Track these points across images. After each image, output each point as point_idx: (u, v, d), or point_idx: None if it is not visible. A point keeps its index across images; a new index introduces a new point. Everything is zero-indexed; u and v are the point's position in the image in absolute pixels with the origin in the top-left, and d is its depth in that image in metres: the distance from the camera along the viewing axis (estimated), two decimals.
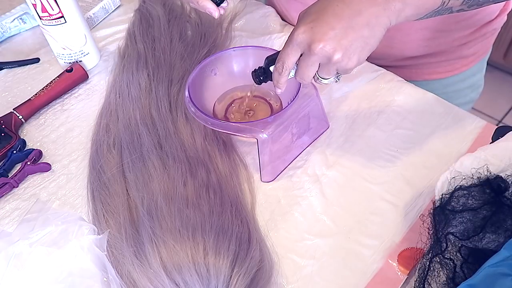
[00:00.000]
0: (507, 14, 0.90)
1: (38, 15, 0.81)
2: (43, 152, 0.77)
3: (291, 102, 0.68)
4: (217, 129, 0.69)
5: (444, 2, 0.58)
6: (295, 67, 0.59)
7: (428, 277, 0.55)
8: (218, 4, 0.68)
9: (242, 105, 0.75)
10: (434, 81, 0.90)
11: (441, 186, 0.59)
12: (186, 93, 0.70)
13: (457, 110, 0.78)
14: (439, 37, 0.82)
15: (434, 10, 0.59)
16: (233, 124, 0.69)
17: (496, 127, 0.71)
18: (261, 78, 0.64)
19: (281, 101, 0.76)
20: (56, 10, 0.81)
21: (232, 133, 0.71)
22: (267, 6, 1.01)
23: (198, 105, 0.69)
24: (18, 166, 0.75)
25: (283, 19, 0.98)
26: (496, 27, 0.87)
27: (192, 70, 0.74)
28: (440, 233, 0.56)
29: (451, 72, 0.89)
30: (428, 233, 0.57)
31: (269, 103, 0.76)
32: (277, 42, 0.92)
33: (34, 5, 0.80)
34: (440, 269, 0.55)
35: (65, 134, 0.81)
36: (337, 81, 0.60)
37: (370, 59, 0.87)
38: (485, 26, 0.84)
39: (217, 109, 0.77)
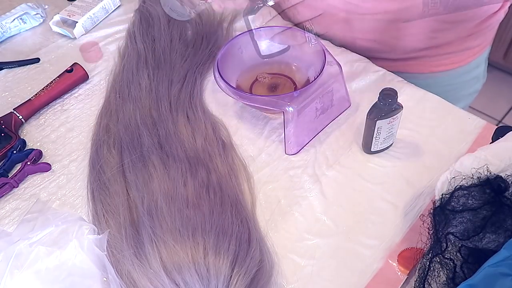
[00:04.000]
0: (507, 13, 0.91)
1: None
2: (43, 152, 0.77)
3: (316, 78, 0.72)
4: (245, 103, 0.74)
5: (425, 11, 0.65)
6: None
7: (428, 277, 0.55)
8: None
9: (265, 81, 0.80)
10: (441, 73, 0.90)
11: (441, 186, 0.59)
12: (216, 69, 0.74)
13: (457, 110, 0.78)
14: (447, 28, 0.83)
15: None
16: (261, 97, 0.73)
17: (496, 127, 0.71)
18: None
19: (306, 79, 0.79)
20: None
21: (259, 106, 0.74)
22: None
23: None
24: (18, 166, 0.75)
25: (283, 18, 0.98)
26: (499, 18, 0.88)
27: (218, 50, 0.79)
28: (440, 233, 0.56)
29: (457, 63, 0.90)
30: (428, 233, 0.57)
31: (293, 81, 0.80)
32: None
33: None
34: (440, 269, 0.55)
35: (65, 134, 0.81)
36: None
37: (380, 53, 0.88)
38: (490, 18, 0.85)
39: (243, 85, 0.80)
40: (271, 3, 0.63)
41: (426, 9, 0.64)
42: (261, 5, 0.62)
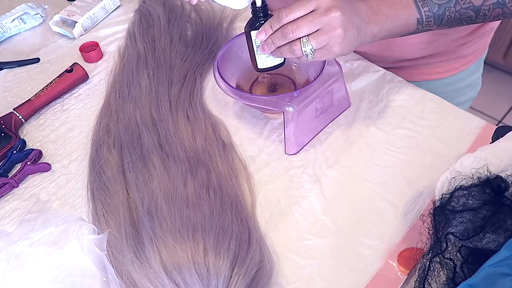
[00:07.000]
0: None
1: None
2: (43, 152, 0.77)
3: (316, 78, 0.72)
4: (245, 103, 0.73)
5: (419, 28, 0.66)
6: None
7: (428, 277, 0.55)
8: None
9: (265, 81, 0.80)
10: (435, 81, 0.90)
11: (441, 186, 0.59)
12: (216, 69, 0.74)
13: (457, 110, 0.78)
14: (438, 39, 0.83)
15: (410, 33, 0.67)
16: (261, 97, 0.73)
17: (496, 127, 0.71)
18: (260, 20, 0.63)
19: (306, 79, 0.79)
20: None
21: (259, 106, 0.73)
22: None
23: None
24: (18, 166, 0.75)
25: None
26: (492, 26, 0.88)
27: (218, 50, 0.79)
28: (440, 233, 0.56)
29: (451, 71, 0.89)
30: (428, 233, 0.57)
31: (293, 81, 0.80)
32: None
33: None
34: (440, 269, 0.55)
35: (65, 134, 0.81)
36: (307, 58, 0.62)
37: (370, 60, 0.88)
38: (483, 26, 0.85)
39: (243, 85, 0.80)
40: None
41: (420, 27, 0.65)
42: (262, 21, 0.63)
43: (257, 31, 0.63)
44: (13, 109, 0.82)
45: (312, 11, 0.59)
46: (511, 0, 0.64)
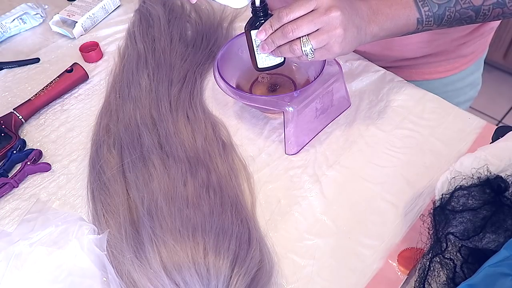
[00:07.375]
0: None
1: None
2: (43, 152, 0.77)
3: (316, 78, 0.72)
4: (245, 103, 0.74)
5: (419, 28, 0.66)
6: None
7: (428, 277, 0.55)
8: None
9: (265, 81, 0.81)
10: (435, 81, 0.90)
11: (441, 186, 0.59)
12: (216, 69, 0.74)
13: (457, 110, 0.78)
14: (438, 38, 0.83)
15: (410, 33, 0.67)
16: (261, 97, 0.73)
17: (496, 127, 0.71)
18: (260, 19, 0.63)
19: (306, 79, 0.79)
20: None
21: (259, 106, 0.73)
22: None
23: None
24: (18, 166, 0.75)
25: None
26: (493, 26, 0.88)
27: (218, 50, 0.79)
28: (440, 233, 0.56)
29: (451, 71, 0.90)
30: (428, 233, 0.57)
31: (293, 81, 0.80)
32: None
33: None
34: (440, 269, 0.55)
35: (65, 134, 0.81)
36: (307, 58, 0.62)
37: (371, 61, 0.88)
38: (482, 26, 0.85)
39: (243, 85, 0.80)
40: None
41: (420, 26, 0.66)
42: (262, 21, 0.63)
43: (257, 30, 0.63)
44: (13, 109, 0.82)
45: (312, 10, 0.59)
46: (511, 0, 0.64)
